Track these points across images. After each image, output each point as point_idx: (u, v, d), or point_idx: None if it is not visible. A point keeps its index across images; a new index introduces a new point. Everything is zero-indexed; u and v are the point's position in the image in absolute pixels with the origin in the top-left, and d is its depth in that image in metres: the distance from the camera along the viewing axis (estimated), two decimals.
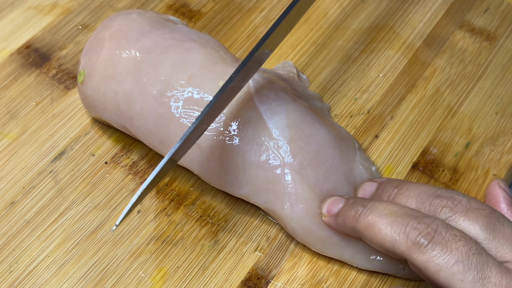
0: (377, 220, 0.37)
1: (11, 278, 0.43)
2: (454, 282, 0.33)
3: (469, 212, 0.36)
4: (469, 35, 0.56)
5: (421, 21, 0.57)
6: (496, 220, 0.36)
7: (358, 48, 0.55)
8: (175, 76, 0.43)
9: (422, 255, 0.34)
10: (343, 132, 0.46)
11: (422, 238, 0.34)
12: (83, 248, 0.44)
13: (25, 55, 0.55)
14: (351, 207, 0.39)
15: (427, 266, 0.34)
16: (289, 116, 0.43)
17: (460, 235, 0.34)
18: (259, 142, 0.42)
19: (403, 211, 0.36)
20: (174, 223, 0.45)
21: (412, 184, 0.39)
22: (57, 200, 0.46)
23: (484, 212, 0.36)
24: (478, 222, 0.35)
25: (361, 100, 0.52)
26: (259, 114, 0.43)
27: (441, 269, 0.34)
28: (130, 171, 0.48)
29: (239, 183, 0.43)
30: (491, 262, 0.33)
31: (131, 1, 0.59)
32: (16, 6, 0.58)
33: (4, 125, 0.50)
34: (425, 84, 0.53)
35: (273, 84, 0.45)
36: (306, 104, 0.45)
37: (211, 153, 0.43)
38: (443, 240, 0.34)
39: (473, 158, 0.48)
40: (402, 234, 0.35)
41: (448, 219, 0.36)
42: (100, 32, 0.47)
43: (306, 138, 0.43)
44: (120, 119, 0.45)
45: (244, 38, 0.56)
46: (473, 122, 0.50)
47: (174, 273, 0.43)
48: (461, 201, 0.36)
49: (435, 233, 0.34)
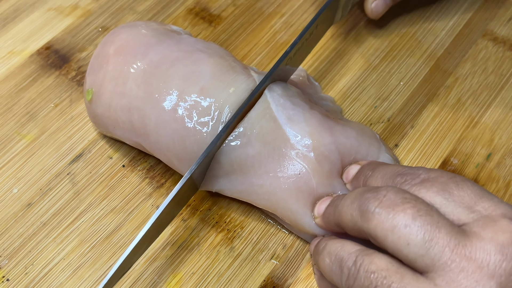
0: (344, 204, 0.36)
1: (26, 280, 0.43)
2: (401, 246, 0.32)
3: (425, 182, 0.35)
4: (492, 44, 0.55)
5: (443, 29, 0.56)
6: (454, 185, 0.34)
7: (379, 56, 0.55)
8: (187, 89, 0.43)
9: (370, 222, 0.33)
10: (363, 128, 0.45)
11: (370, 204, 0.34)
12: (99, 251, 0.44)
13: (45, 56, 0.55)
14: (332, 204, 0.39)
15: (376, 233, 0.33)
16: (308, 124, 0.42)
17: (410, 198, 0.33)
18: (281, 152, 0.42)
19: (363, 189, 0.36)
20: (190, 228, 0.45)
21: (383, 166, 0.39)
22: (74, 203, 0.46)
23: (442, 179, 0.35)
24: (433, 188, 0.34)
25: (381, 108, 0.51)
26: (278, 124, 0.42)
27: (388, 233, 0.32)
28: (147, 175, 0.48)
29: (264, 194, 0.42)
30: (441, 223, 0.32)
31: (151, 4, 0.59)
32: (37, 7, 0.59)
33: (23, 126, 0.50)
34: (446, 93, 0.52)
35: (288, 91, 0.44)
36: (322, 109, 0.45)
37: (230, 167, 0.42)
38: (391, 204, 0.33)
39: (494, 169, 0.48)
40: (357, 208, 0.35)
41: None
42: (104, 48, 0.47)
43: (329, 145, 0.42)
44: (133, 137, 0.45)
45: (264, 43, 0.56)
46: (494, 133, 0.50)
47: (189, 279, 0.43)
48: (420, 174, 0.36)
49: (383, 197, 0.33)
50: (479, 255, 0.31)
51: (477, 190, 0.34)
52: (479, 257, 0.31)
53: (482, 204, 0.34)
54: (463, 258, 0.31)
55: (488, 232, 0.32)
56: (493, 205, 0.33)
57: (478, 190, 0.34)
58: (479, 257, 0.31)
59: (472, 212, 0.33)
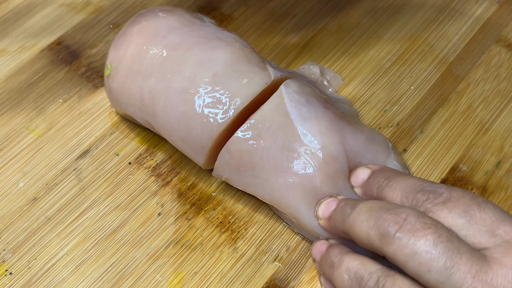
0: (357, 218, 0.36)
1: (29, 274, 0.43)
2: (422, 272, 0.32)
3: (447, 202, 0.34)
4: (505, 50, 0.55)
5: (456, 34, 0.56)
6: (476, 207, 0.34)
7: (390, 59, 0.54)
8: (200, 73, 0.43)
9: (390, 246, 0.33)
10: (374, 134, 0.45)
11: (390, 228, 0.33)
12: (102, 248, 0.44)
13: (56, 52, 0.55)
14: (341, 210, 0.38)
15: (396, 257, 0.33)
16: (319, 123, 0.42)
17: (430, 223, 0.33)
18: (290, 148, 0.42)
19: (379, 205, 0.35)
20: (194, 227, 0.45)
21: (401, 177, 0.38)
22: (79, 199, 0.46)
23: (464, 199, 0.34)
24: (456, 210, 0.34)
25: (391, 112, 0.51)
26: (290, 120, 0.42)
27: (408, 259, 0.32)
28: (153, 172, 0.48)
29: (270, 189, 0.42)
30: (462, 249, 0.32)
31: (163, 2, 0.59)
32: (50, 3, 0.59)
33: (31, 120, 0.51)
34: (457, 99, 0.51)
35: (304, 88, 0.44)
36: (336, 110, 0.45)
37: (240, 158, 0.42)
38: (411, 229, 0.32)
39: (503, 177, 0.47)
40: (374, 228, 0.34)
41: (427, 211, 0.35)
42: (129, 27, 0.47)
43: (338, 145, 0.42)
44: (143, 115, 0.45)
45: (275, 43, 0.56)
46: (505, 140, 0.49)
47: (192, 279, 0.42)
48: (442, 193, 0.35)
49: (403, 222, 0.33)
50: (500, 281, 0.31)
51: (499, 212, 0.34)
52: (500, 283, 0.31)
53: (503, 228, 0.33)
54: (485, 285, 0.31)
55: (509, 258, 0.32)
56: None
57: (500, 212, 0.34)
58: (500, 284, 0.31)
59: (494, 236, 0.33)
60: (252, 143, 0.42)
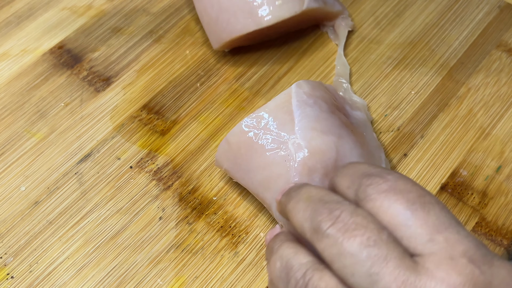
0: (295, 205, 0.34)
1: (30, 278, 0.43)
2: (346, 275, 0.30)
3: (391, 192, 0.31)
4: (506, 55, 0.55)
5: (457, 39, 0.56)
6: (421, 206, 0.31)
7: (391, 64, 0.54)
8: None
9: (320, 242, 0.31)
10: (372, 150, 0.45)
11: (322, 224, 0.31)
12: (103, 252, 0.44)
13: (58, 56, 0.55)
14: (287, 193, 0.36)
15: (324, 255, 0.31)
16: (317, 122, 0.42)
17: (362, 223, 0.30)
18: (281, 141, 0.42)
19: (320, 195, 0.33)
20: (195, 232, 0.45)
21: (355, 163, 0.35)
22: (81, 202, 0.46)
23: (410, 195, 0.31)
24: (397, 205, 0.31)
25: (391, 117, 0.51)
26: (291, 117, 0.42)
27: (335, 259, 0.30)
28: (154, 176, 0.48)
29: (257, 183, 0.43)
30: (391, 255, 0.29)
31: (165, 6, 0.59)
32: (51, 6, 0.59)
33: (33, 124, 0.51)
34: (458, 104, 0.52)
35: (315, 91, 0.44)
36: (344, 118, 0.45)
37: (238, 150, 0.43)
38: (342, 228, 0.30)
39: (504, 182, 0.47)
40: (309, 220, 0.32)
41: (367, 198, 0.32)
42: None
43: (329, 143, 0.41)
44: None
45: (276, 48, 0.56)
46: (505, 145, 0.49)
47: (192, 283, 0.43)
48: (388, 180, 0.32)
49: (336, 219, 0.31)
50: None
51: (444, 217, 0.31)
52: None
53: (445, 234, 0.30)
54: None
55: (441, 271, 0.29)
56: (457, 239, 0.30)
57: (445, 217, 0.31)
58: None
59: (431, 241, 0.30)
60: (250, 136, 0.42)
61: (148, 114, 0.51)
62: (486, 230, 0.45)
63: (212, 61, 0.55)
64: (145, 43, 0.56)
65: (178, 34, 0.57)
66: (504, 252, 0.44)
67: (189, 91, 0.53)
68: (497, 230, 0.45)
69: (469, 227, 0.45)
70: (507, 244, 0.44)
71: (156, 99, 0.52)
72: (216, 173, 0.48)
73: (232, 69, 0.54)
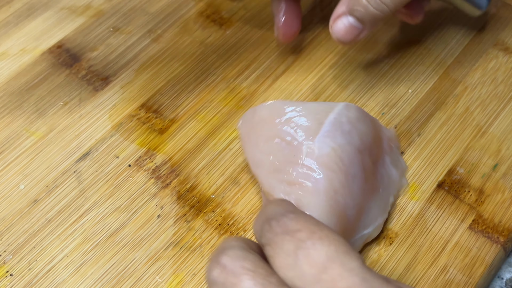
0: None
1: (29, 276, 0.43)
2: None
3: (283, 234, 0.31)
4: (503, 54, 0.55)
5: (454, 38, 0.56)
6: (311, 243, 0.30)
7: (388, 62, 0.55)
8: None
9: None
10: (373, 209, 0.43)
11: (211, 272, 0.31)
12: (102, 249, 0.44)
13: (56, 55, 0.56)
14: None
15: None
16: (339, 147, 0.41)
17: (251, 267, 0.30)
18: (296, 137, 0.41)
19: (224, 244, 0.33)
20: (193, 229, 0.45)
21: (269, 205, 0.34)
22: (79, 201, 0.47)
23: (300, 234, 0.30)
24: (287, 246, 0.30)
25: (388, 116, 0.51)
26: (319, 127, 0.41)
27: None
28: (152, 175, 0.48)
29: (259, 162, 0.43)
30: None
31: (163, 6, 0.59)
32: (50, 6, 0.59)
33: (32, 123, 0.51)
34: (454, 102, 0.52)
35: (358, 122, 0.43)
36: (368, 163, 0.43)
37: (257, 123, 0.44)
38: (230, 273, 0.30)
39: (500, 180, 0.47)
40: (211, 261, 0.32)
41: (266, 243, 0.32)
42: None
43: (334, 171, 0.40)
44: None
45: (274, 47, 0.56)
46: (502, 143, 0.49)
47: (191, 280, 0.43)
48: (284, 223, 0.31)
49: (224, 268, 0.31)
50: None
51: (334, 251, 0.30)
52: None
53: (331, 272, 0.29)
54: None
55: None
56: (342, 274, 0.29)
57: (334, 251, 0.30)
58: None
59: (318, 282, 0.29)
60: (270, 116, 0.43)
61: (146, 113, 0.52)
62: (482, 227, 0.45)
63: (210, 60, 0.55)
64: (143, 42, 0.57)
65: (176, 33, 0.57)
66: (500, 249, 0.44)
67: (187, 90, 0.53)
68: (494, 228, 0.45)
69: (466, 224, 0.45)
70: (504, 241, 0.44)
71: (154, 98, 0.53)
72: (214, 171, 0.48)
73: (230, 68, 0.55)
